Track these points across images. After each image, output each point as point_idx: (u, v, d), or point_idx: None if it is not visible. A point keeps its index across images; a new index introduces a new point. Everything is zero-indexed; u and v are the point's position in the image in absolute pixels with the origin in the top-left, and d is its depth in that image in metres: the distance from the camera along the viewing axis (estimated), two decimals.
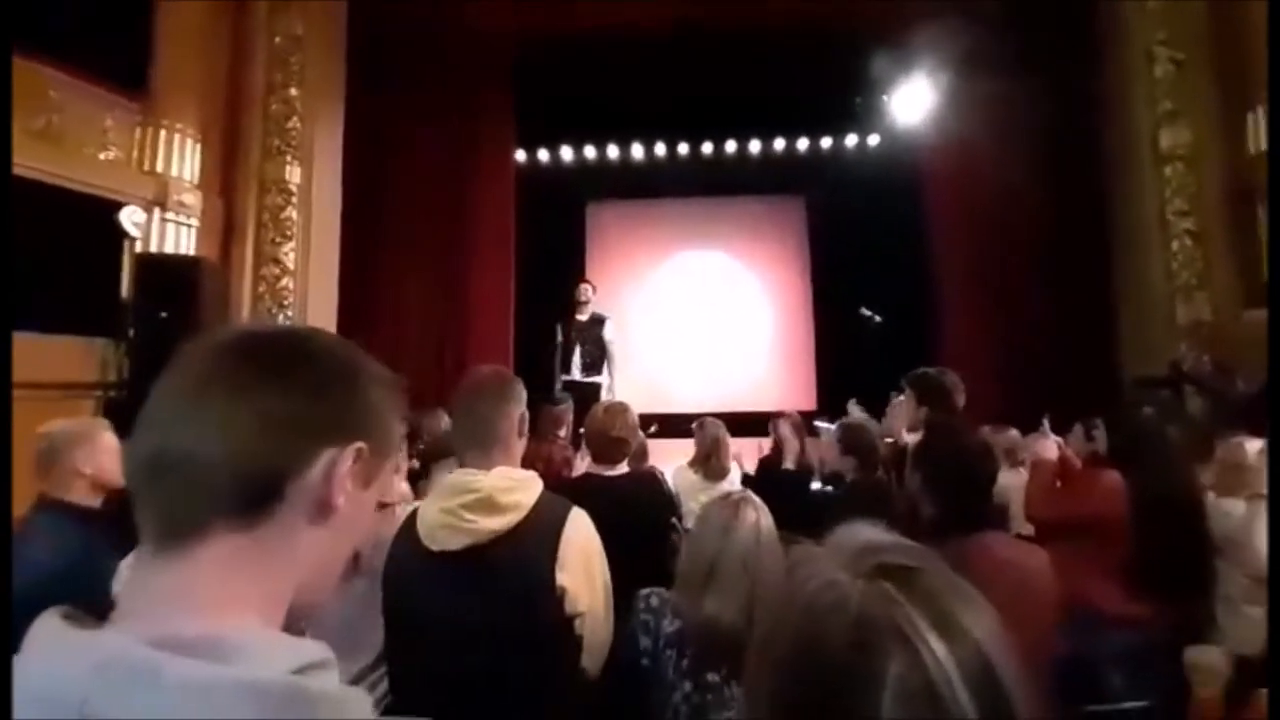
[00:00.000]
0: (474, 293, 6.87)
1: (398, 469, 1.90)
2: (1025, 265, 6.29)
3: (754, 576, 1.39)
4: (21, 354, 2.84)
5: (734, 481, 3.28)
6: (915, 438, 2.37)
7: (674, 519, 2.41)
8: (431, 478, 2.20)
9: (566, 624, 1.45)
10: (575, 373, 5.99)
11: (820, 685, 0.46)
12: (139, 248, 4.45)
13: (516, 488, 1.47)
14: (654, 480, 2.65)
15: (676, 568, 1.55)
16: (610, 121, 7.84)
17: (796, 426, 3.80)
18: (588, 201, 8.94)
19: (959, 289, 6.60)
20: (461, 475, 1.49)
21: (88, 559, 1.76)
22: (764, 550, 1.43)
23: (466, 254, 6.89)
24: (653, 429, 4.26)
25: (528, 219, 7.38)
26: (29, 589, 1.46)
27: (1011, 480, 3.27)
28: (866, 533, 0.54)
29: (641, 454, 3.41)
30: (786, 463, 3.63)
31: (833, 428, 3.37)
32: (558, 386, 5.81)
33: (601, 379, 6.03)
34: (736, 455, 3.61)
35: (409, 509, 1.57)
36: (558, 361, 6.10)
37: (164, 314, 4.06)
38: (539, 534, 1.45)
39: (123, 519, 0.57)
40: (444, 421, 2.78)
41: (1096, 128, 5.96)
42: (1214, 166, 5.19)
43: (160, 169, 4.70)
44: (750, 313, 8.90)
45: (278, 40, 5.36)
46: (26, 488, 2.04)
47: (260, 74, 5.34)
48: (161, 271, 4.28)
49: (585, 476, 2.48)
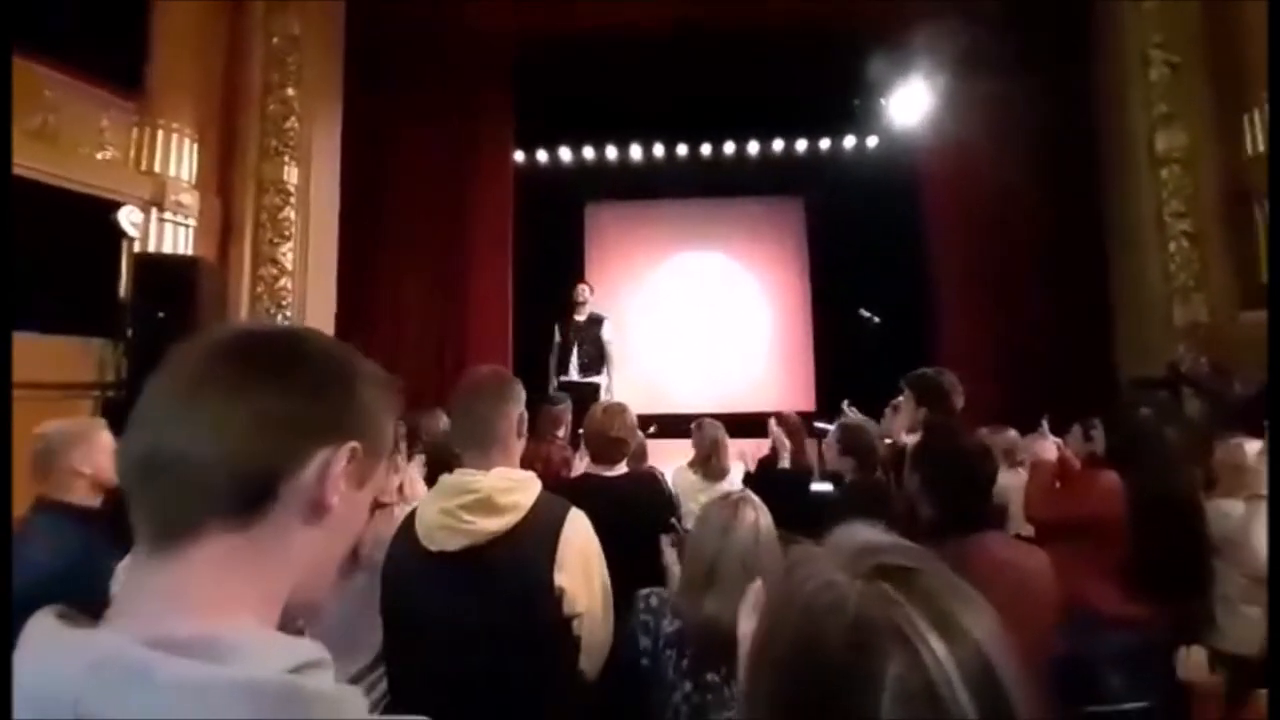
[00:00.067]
0: (473, 293, 6.86)
1: (396, 469, 1.90)
2: (1023, 266, 6.29)
3: (754, 576, 1.39)
4: (19, 354, 2.83)
5: (734, 482, 3.28)
6: (914, 438, 2.38)
7: (673, 519, 2.40)
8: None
9: (565, 624, 1.45)
10: (573, 373, 5.99)
11: (819, 686, 0.46)
12: (137, 248, 4.44)
13: (515, 488, 1.47)
14: (653, 480, 2.64)
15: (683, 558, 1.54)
16: (609, 122, 7.83)
17: (794, 426, 3.79)
18: (587, 202, 8.93)
19: (957, 290, 6.59)
20: (460, 476, 1.48)
21: (87, 559, 1.76)
22: (763, 550, 1.43)
23: (465, 254, 6.87)
24: (651, 429, 4.25)
25: (527, 219, 7.36)
26: (29, 590, 1.45)
27: (1010, 481, 3.26)
28: (865, 533, 0.54)
29: (640, 454, 3.40)
30: (782, 462, 3.63)
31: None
32: (553, 386, 5.80)
33: (599, 379, 6.02)
34: (741, 455, 3.61)
35: (409, 509, 1.57)
36: (555, 362, 6.10)
37: (162, 314, 4.04)
38: (537, 535, 1.44)
39: (122, 519, 0.56)
40: (443, 421, 2.77)
41: (1094, 129, 5.98)
42: (1210, 168, 5.21)
43: (158, 169, 4.68)
44: (749, 314, 8.90)
45: (275, 40, 5.35)
46: (23, 487, 2.04)
47: (257, 74, 5.33)
48: (159, 271, 4.26)
49: (584, 477, 2.48)
